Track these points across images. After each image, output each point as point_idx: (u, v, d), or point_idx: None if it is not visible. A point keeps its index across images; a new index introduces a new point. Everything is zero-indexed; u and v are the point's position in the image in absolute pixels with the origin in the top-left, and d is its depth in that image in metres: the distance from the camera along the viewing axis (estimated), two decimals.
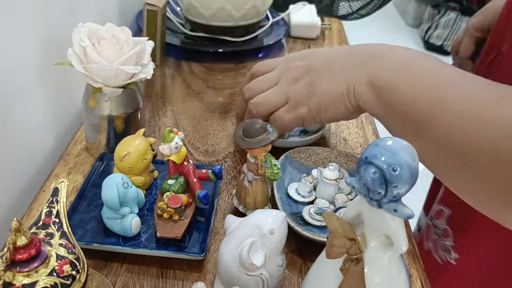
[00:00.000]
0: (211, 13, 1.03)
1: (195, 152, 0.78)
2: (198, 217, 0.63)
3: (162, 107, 0.90)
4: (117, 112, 0.69)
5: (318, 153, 0.75)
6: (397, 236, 0.40)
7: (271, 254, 0.49)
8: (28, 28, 0.67)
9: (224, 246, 0.50)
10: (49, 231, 0.45)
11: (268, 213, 0.51)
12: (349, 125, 0.90)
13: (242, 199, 0.63)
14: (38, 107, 0.72)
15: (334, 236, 0.41)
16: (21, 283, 0.40)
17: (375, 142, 0.38)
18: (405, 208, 0.38)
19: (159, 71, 1.03)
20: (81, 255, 0.45)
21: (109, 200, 0.56)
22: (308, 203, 0.67)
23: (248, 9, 1.04)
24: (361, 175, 0.38)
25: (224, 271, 0.50)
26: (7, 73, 0.62)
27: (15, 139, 0.66)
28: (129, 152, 0.61)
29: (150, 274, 0.56)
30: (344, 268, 0.42)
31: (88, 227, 0.59)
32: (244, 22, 1.06)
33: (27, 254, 0.40)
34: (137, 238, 0.59)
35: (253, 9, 1.05)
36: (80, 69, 0.63)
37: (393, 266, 0.43)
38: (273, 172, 0.59)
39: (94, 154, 0.73)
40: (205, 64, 1.05)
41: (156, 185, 0.68)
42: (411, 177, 0.37)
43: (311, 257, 0.60)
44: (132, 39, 0.68)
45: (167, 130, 0.60)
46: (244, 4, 1.02)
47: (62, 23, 0.76)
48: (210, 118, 0.87)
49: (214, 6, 1.02)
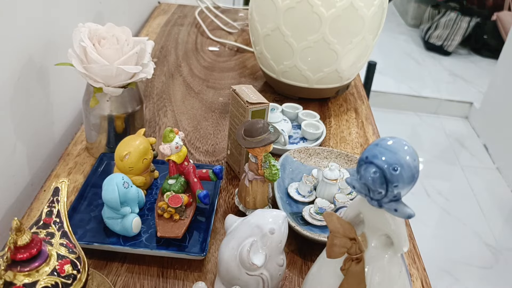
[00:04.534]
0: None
1: (196, 152, 0.78)
2: (199, 217, 0.63)
3: (162, 107, 0.90)
4: (117, 112, 0.69)
5: (318, 153, 0.75)
6: (398, 236, 0.40)
7: (271, 254, 0.49)
8: (28, 28, 0.67)
9: (225, 245, 0.50)
10: (49, 230, 0.45)
11: (268, 212, 0.51)
12: (349, 125, 0.90)
13: (242, 198, 0.63)
14: (38, 107, 0.72)
15: (335, 235, 0.41)
16: (22, 282, 0.40)
17: (376, 142, 0.38)
18: (405, 208, 0.38)
19: (159, 71, 1.03)
20: (82, 255, 0.45)
21: (110, 200, 0.56)
22: (308, 203, 0.67)
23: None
24: (362, 174, 0.38)
25: (225, 270, 0.50)
26: (7, 73, 0.62)
27: (15, 139, 0.66)
28: (129, 152, 0.61)
29: (151, 274, 0.56)
30: (344, 267, 0.42)
31: (88, 227, 0.59)
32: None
33: (28, 254, 0.40)
34: (138, 238, 0.59)
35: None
36: (80, 69, 0.63)
37: (394, 266, 0.43)
38: (272, 173, 0.59)
39: (94, 154, 0.73)
40: (205, 64, 1.05)
41: (156, 185, 0.68)
42: (412, 177, 0.37)
43: (311, 256, 0.60)
44: (132, 39, 0.68)
45: (168, 130, 0.60)
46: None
47: (62, 23, 0.76)
48: (210, 118, 0.87)
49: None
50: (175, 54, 1.12)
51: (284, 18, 0.83)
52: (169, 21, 1.32)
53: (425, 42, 3.36)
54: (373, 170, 0.37)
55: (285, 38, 0.85)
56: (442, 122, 2.65)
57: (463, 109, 2.70)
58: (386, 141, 0.38)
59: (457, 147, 2.42)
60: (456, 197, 2.06)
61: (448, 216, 1.95)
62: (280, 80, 0.93)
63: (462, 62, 3.23)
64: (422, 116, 2.69)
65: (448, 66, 3.16)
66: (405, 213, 0.38)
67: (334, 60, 0.86)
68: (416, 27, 3.70)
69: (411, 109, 2.71)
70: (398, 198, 0.38)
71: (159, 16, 1.35)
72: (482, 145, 2.44)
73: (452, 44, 3.24)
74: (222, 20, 1.33)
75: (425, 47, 3.36)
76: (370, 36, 0.87)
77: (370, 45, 0.89)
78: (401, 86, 2.80)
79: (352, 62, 0.89)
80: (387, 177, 0.37)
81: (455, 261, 1.73)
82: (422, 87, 2.82)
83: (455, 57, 3.30)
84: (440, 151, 2.35)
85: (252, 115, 0.66)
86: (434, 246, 1.79)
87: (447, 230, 1.89)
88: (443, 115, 2.71)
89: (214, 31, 1.27)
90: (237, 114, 0.68)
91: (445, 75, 3.05)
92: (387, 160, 0.37)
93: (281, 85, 0.94)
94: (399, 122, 2.60)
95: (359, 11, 0.82)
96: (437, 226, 1.91)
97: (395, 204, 0.38)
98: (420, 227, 1.84)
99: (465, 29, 3.20)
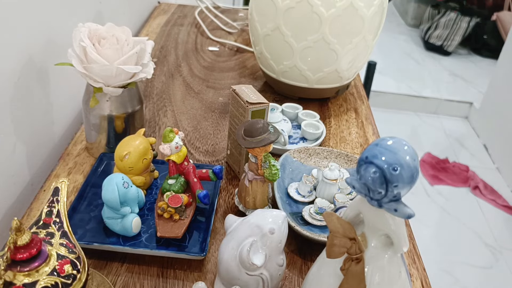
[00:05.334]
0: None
1: (195, 152, 0.78)
2: (199, 216, 0.63)
3: (162, 107, 0.90)
4: (117, 112, 0.69)
5: (318, 153, 0.75)
6: (398, 236, 0.40)
7: (271, 254, 0.49)
8: (28, 28, 0.67)
9: (225, 245, 0.50)
10: (49, 230, 0.45)
11: (268, 212, 0.51)
12: (349, 125, 0.90)
13: (242, 198, 0.63)
14: (38, 107, 0.72)
15: (335, 235, 0.41)
16: (21, 282, 0.40)
17: (376, 142, 0.38)
18: (405, 208, 0.38)
19: (159, 71, 1.03)
20: (82, 255, 0.45)
21: (110, 200, 0.56)
22: (308, 203, 0.67)
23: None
24: (362, 174, 0.38)
25: (225, 270, 0.50)
26: (7, 73, 0.62)
27: (15, 139, 0.66)
28: (129, 152, 0.61)
29: (151, 274, 0.56)
30: (344, 267, 0.42)
31: (88, 227, 0.59)
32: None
33: (28, 254, 0.40)
34: (138, 238, 0.59)
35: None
36: (80, 69, 0.63)
37: (394, 265, 0.43)
38: (272, 173, 0.59)
39: (94, 154, 0.73)
40: (205, 64, 1.05)
41: (156, 185, 0.68)
42: (412, 177, 0.37)
43: (311, 256, 0.60)
44: (132, 39, 0.68)
45: (167, 130, 0.60)
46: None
47: (62, 23, 0.76)
48: (210, 118, 0.87)
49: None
50: (175, 54, 1.12)
51: (284, 18, 0.83)
52: (169, 21, 1.32)
53: (425, 42, 3.36)
54: (373, 170, 0.37)
55: (285, 38, 0.85)
56: (442, 122, 2.65)
57: (463, 109, 2.70)
58: (386, 141, 0.38)
59: (457, 147, 2.42)
60: (456, 197, 2.06)
61: (448, 216, 1.95)
62: (280, 80, 0.93)
63: (462, 62, 3.24)
64: (422, 116, 2.69)
65: (448, 66, 3.16)
66: (405, 213, 0.38)
67: (334, 60, 0.86)
68: (416, 27, 3.70)
69: (411, 109, 2.71)
70: (398, 198, 0.38)
71: (159, 16, 1.35)
72: (482, 145, 2.44)
73: (452, 44, 3.24)
74: (222, 20, 1.33)
75: (425, 47, 3.36)
76: (370, 36, 0.87)
77: (370, 45, 0.89)
78: (401, 86, 2.80)
79: (352, 62, 0.89)
80: (387, 177, 0.37)
81: (455, 261, 1.73)
82: (422, 87, 2.82)
83: (455, 57, 3.30)
84: (440, 151, 2.35)
85: (252, 115, 0.66)
86: (434, 246, 1.79)
87: (447, 230, 1.89)
88: (443, 115, 2.71)
89: (214, 31, 1.27)
90: (237, 114, 0.68)
91: (445, 75, 3.05)
92: (387, 160, 0.37)
93: (281, 85, 0.94)
94: (399, 122, 2.60)
95: (359, 11, 0.82)
96: (437, 226, 1.91)
97: (395, 204, 0.38)
98: (420, 227, 1.84)
99: (465, 29, 3.20)
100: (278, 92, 0.97)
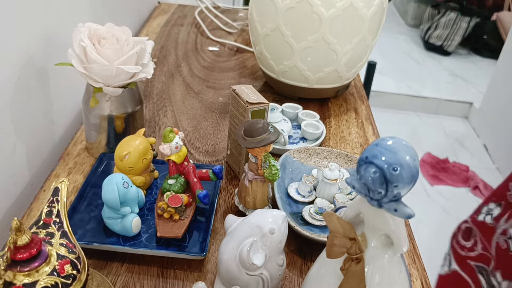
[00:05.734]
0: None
1: (195, 152, 0.78)
2: (199, 216, 0.63)
3: (162, 107, 0.90)
4: (117, 112, 0.69)
5: (318, 153, 0.75)
6: (398, 236, 0.40)
7: (271, 254, 0.49)
8: (28, 28, 0.67)
9: (225, 245, 0.50)
10: (49, 230, 0.45)
11: (268, 212, 0.51)
12: (349, 125, 0.90)
13: (242, 198, 0.63)
14: (38, 107, 0.72)
15: (335, 235, 0.41)
16: (21, 282, 0.40)
17: (376, 142, 0.38)
18: (405, 208, 0.38)
19: (159, 71, 1.03)
20: (82, 255, 0.45)
21: (110, 200, 0.56)
22: (308, 203, 0.67)
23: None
24: (362, 174, 0.38)
25: (225, 270, 0.50)
26: (7, 73, 0.62)
27: (15, 139, 0.66)
28: (129, 152, 0.61)
29: (151, 274, 0.56)
30: (344, 267, 0.42)
31: (88, 227, 0.59)
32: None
33: (28, 254, 0.40)
34: (138, 238, 0.59)
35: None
36: (80, 69, 0.63)
37: (393, 265, 0.43)
38: (272, 173, 0.59)
39: (94, 154, 0.73)
40: (205, 64, 1.05)
41: (156, 185, 0.68)
42: (412, 177, 0.37)
43: (311, 256, 0.60)
44: (132, 39, 0.68)
45: (167, 130, 0.60)
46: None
47: (62, 23, 0.76)
48: (210, 118, 0.87)
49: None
50: (175, 54, 1.12)
51: (284, 18, 0.83)
52: (169, 21, 1.32)
53: (425, 42, 3.36)
54: (373, 170, 0.37)
55: (285, 38, 0.85)
56: (442, 122, 2.65)
57: (463, 109, 2.70)
58: (386, 141, 0.38)
59: (457, 147, 2.42)
60: (456, 197, 2.06)
61: (448, 216, 1.95)
62: (280, 80, 0.93)
63: (462, 62, 3.23)
64: (422, 116, 2.69)
65: (448, 66, 3.16)
66: (405, 213, 0.38)
67: (334, 60, 0.86)
68: (416, 27, 3.70)
69: (411, 109, 2.71)
70: (398, 198, 0.38)
71: (159, 16, 1.35)
72: (482, 145, 2.44)
73: (452, 44, 3.24)
74: (222, 20, 1.33)
75: (425, 47, 3.36)
76: (369, 36, 0.87)
77: (370, 45, 0.89)
78: (401, 86, 2.80)
79: (352, 62, 0.89)
80: (387, 177, 0.37)
81: None
82: (422, 87, 2.82)
83: (455, 57, 3.30)
84: (440, 151, 2.35)
85: (252, 115, 0.66)
86: (434, 246, 1.79)
87: (447, 230, 1.88)
88: (443, 115, 2.71)
89: (214, 31, 1.27)
90: (237, 114, 0.68)
91: (445, 75, 3.05)
92: (387, 160, 0.37)
93: (281, 85, 0.94)
94: (399, 122, 2.60)
95: (359, 11, 0.82)
96: (437, 226, 1.90)
97: (395, 204, 0.38)
98: (420, 227, 1.84)
99: (465, 29, 3.20)
100: (278, 92, 0.97)
